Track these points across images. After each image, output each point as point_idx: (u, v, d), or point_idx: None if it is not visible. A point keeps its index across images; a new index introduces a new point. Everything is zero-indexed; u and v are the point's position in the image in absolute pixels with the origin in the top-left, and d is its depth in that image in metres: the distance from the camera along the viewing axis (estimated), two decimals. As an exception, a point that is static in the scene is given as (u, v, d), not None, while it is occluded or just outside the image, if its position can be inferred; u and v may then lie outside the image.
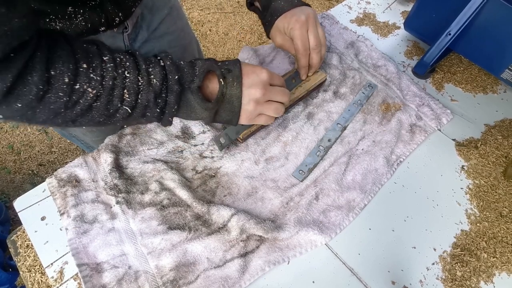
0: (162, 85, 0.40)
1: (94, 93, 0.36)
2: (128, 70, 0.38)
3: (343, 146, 0.55)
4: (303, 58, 0.55)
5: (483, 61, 0.61)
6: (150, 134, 0.54)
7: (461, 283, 0.45)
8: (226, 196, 0.50)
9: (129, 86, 0.38)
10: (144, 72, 0.39)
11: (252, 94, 0.45)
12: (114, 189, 0.49)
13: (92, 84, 0.36)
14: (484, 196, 0.52)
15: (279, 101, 0.49)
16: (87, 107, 0.37)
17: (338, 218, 0.48)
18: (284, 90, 0.50)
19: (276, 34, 0.56)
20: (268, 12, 0.56)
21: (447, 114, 0.60)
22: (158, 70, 0.40)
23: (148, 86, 0.39)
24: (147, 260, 0.44)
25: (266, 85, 0.46)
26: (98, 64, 0.37)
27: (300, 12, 0.53)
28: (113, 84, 0.37)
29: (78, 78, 0.35)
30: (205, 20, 2.04)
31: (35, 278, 0.45)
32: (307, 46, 0.54)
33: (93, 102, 0.37)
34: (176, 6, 0.69)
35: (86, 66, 0.36)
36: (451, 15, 0.59)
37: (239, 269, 0.44)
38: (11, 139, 1.57)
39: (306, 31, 0.53)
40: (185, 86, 0.42)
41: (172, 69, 0.41)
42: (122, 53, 0.39)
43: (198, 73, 0.42)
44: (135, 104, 0.39)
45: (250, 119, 0.48)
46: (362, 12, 0.78)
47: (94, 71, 0.36)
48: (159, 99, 0.41)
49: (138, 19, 0.59)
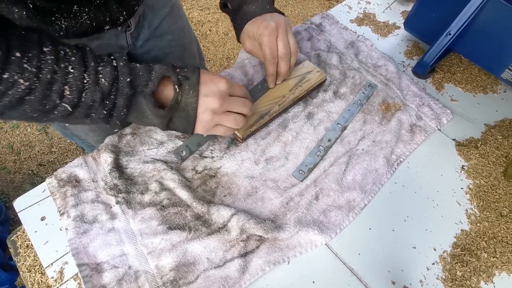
0: (112, 86, 0.38)
1: (26, 85, 0.34)
2: (72, 65, 0.36)
3: (343, 146, 0.55)
4: (271, 66, 0.53)
5: (483, 61, 0.61)
6: (150, 134, 0.54)
7: (461, 283, 0.45)
8: (226, 196, 0.50)
9: (71, 82, 0.36)
10: (92, 70, 0.37)
11: (209, 104, 0.43)
12: (114, 189, 0.49)
13: (25, 76, 0.33)
14: (484, 196, 0.52)
15: (239, 112, 0.47)
16: (17, 99, 0.34)
17: (338, 218, 0.48)
18: (245, 101, 0.47)
19: (245, 38, 0.54)
20: (239, 16, 0.54)
21: (447, 114, 0.60)
22: (109, 70, 0.38)
23: (94, 85, 0.37)
24: (147, 260, 0.44)
25: (225, 95, 0.44)
26: (36, 55, 0.34)
27: (270, 18, 0.52)
28: (52, 78, 0.35)
29: (7, 67, 0.33)
30: (205, 20, 2.04)
31: (35, 278, 0.45)
32: (275, 54, 0.52)
33: (25, 95, 0.34)
34: (177, 5, 0.69)
35: (19, 55, 0.33)
36: (451, 15, 0.59)
37: (239, 269, 0.44)
38: (11, 139, 1.57)
39: (276, 39, 0.51)
40: (137, 89, 0.40)
41: (124, 70, 0.39)
42: (69, 47, 0.37)
43: (153, 78, 0.41)
44: (77, 102, 0.37)
45: (206, 129, 0.46)
46: (362, 12, 0.78)
47: (29, 61, 0.34)
48: (107, 100, 0.39)
49: (140, 18, 0.59)
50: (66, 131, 0.69)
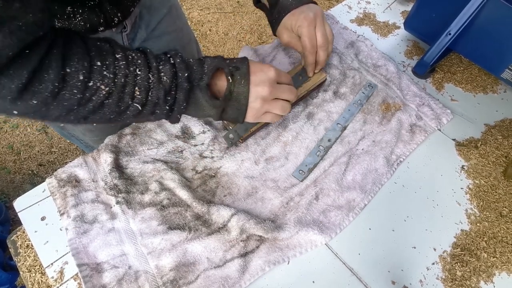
0: (172, 83, 0.40)
1: (106, 90, 0.37)
2: (139, 67, 0.39)
3: (343, 146, 0.55)
4: (311, 56, 0.55)
5: (483, 61, 0.61)
6: (150, 134, 0.54)
7: (461, 283, 0.45)
8: (226, 196, 0.50)
9: (140, 83, 0.39)
10: (155, 70, 0.39)
11: (259, 92, 0.45)
12: (114, 189, 0.49)
13: (105, 82, 0.36)
14: (484, 196, 0.52)
15: (285, 99, 0.49)
16: (99, 104, 0.37)
17: (338, 218, 0.48)
18: (291, 88, 0.50)
19: (283, 31, 0.56)
20: (276, 9, 0.56)
21: (447, 114, 0.60)
22: (168, 67, 0.40)
23: (158, 83, 0.39)
24: (147, 260, 0.44)
25: (273, 83, 0.46)
26: (111, 62, 0.37)
27: (308, 9, 0.53)
28: (125, 82, 0.38)
29: (92, 76, 0.36)
30: (205, 20, 2.04)
31: (35, 278, 0.45)
32: (315, 43, 0.54)
33: (105, 99, 0.37)
34: (175, 5, 0.69)
35: (100, 63, 0.36)
36: (451, 15, 0.59)
37: (239, 269, 0.44)
38: (11, 139, 1.57)
39: (314, 29, 0.53)
40: (194, 83, 0.42)
41: (182, 66, 0.41)
42: (134, 51, 0.40)
43: (207, 71, 0.43)
44: (145, 101, 0.40)
45: (256, 117, 0.48)
46: (362, 12, 0.78)
47: (107, 68, 0.37)
48: (169, 96, 0.41)
49: (136, 19, 0.59)
50: (64, 131, 0.68)
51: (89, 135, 0.68)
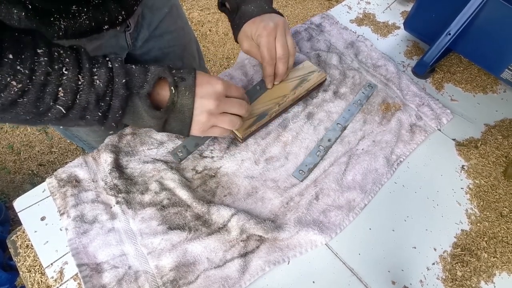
0: (107, 88, 0.38)
1: (19, 87, 0.33)
2: (66, 67, 0.36)
3: (343, 146, 0.55)
4: (269, 67, 0.53)
5: (483, 61, 0.61)
6: (150, 134, 0.54)
7: (461, 283, 0.45)
8: (226, 196, 0.50)
9: (65, 84, 0.36)
10: (87, 72, 0.37)
11: (204, 105, 0.43)
12: (114, 189, 0.49)
13: (18, 78, 0.33)
14: (484, 196, 0.52)
15: (235, 113, 0.47)
16: (10, 102, 0.34)
17: (338, 218, 0.48)
18: (241, 102, 0.47)
19: (243, 38, 0.54)
20: (237, 15, 0.54)
21: (447, 114, 0.60)
22: (104, 71, 0.38)
23: (89, 87, 0.37)
24: (147, 260, 0.44)
25: (221, 97, 0.44)
26: (29, 57, 0.34)
27: (269, 19, 0.51)
28: (46, 80, 0.34)
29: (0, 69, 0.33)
30: (205, 20, 2.04)
31: (35, 278, 0.45)
32: (274, 55, 0.52)
33: (18, 97, 0.34)
34: (176, 5, 0.69)
35: (12, 57, 0.33)
36: (451, 15, 0.59)
37: (239, 269, 0.44)
38: (11, 139, 1.57)
39: (274, 39, 0.51)
40: (133, 91, 0.40)
41: (120, 72, 0.39)
42: (64, 48, 0.37)
43: (149, 79, 0.41)
44: (71, 104, 0.37)
45: (202, 130, 0.46)
46: (362, 12, 0.78)
47: (22, 63, 0.33)
48: (102, 102, 0.38)
49: (139, 18, 0.59)
50: (67, 132, 0.69)
51: (92, 135, 0.68)
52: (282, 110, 0.56)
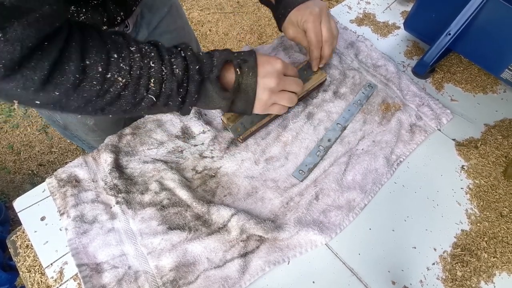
0: (184, 75, 0.41)
1: (123, 82, 0.38)
2: (152, 60, 0.39)
3: (343, 146, 0.55)
4: (316, 50, 0.55)
5: (483, 61, 0.61)
6: (150, 134, 0.54)
7: (461, 283, 0.45)
8: (226, 196, 0.50)
9: (154, 75, 0.39)
10: (167, 62, 0.40)
11: (266, 84, 0.46)
12: (114, 189, 0.49)
13: (122, 74, 0.37)
14: (484, 196, 0.52)
15: (292, 91, 0.50)
16: (116, 95, 0.38)
17: (338, 218, 0.48)
18: (298, 80, 0.51)
19: (288, 26, 0.57)
20: (282, 5, 0.57)
21: (447, 114, 0.60)
22: (180, 60, 0.41)
23: (171, 75, 0.40)
24: (147, 260, 0.44)
25: (280, 75, 0.47)
26: (127, 54, 0.38)
27: (313, 5, 0.54)
28: (140, 74, 0.38)
29: (109, 68, 0.36)
30: (205, 20, 2.04)
31: (35, 278, 0.45)
32: (320, 38, 0.55)
33: (122, 90, 0.38)
34: (176, 5, 0.69)
35: (116, 56, 0.37)
36: (451, 15, 0.59)
37: (239, 269, 0.44)
38: (11, 139, 1.57)
39: (320, 24, 0.54)
40: (204, 76, 0.43)
41: (192, 59, 0.42)
42: (146, 44, 0.40)
43: (217, 63, 0.43)
44: (159, 93, 0.40)
45: (264, 108, 0.48)
46: (362, 12, 0.78)
47: (123, 60, 0.37)
48: (181, 88, 0.42)
49: (138, 18, 0.60)
50: (66, 132, 0.69)
51: (92, 135, 0.68)
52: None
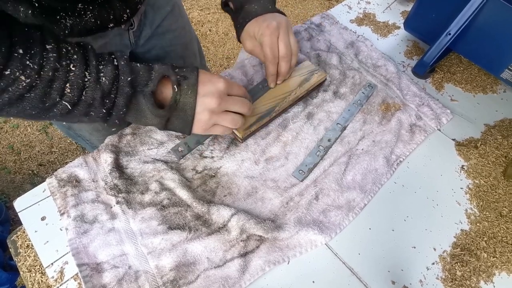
0: (112, 85, 0.38)
1: (28, 82, 0.34)
2: (74, 63, 0.36)
3: (343, 146, 0.55)
4: (272, 66, 0.53)
5: (483, 61, 0.62)
6: (150, 134, 0.54)
7: (461, 282, 0.45)
8: (226, 196, 0.50)
9: (72, 80, 0.36)
10: (93, 69, 0.37)
11: (206, 104, 0.43)
12: (114, 189, 0.49)
13: (27, 72, 0.33)
14: (484, 196, 0.52)
15: (237, 112, 0.47)
16: (17, 96, 0.34)
17: (338, 218, 0.48)
18: (243, 101, 0.47)
19: (246, 38, 0.54)
20: (241, 15, 0.54)
21: (447, 114, 0.60)
22: (110, 68, 0.38)
23: (95, 84, 0.37)
24: (147, 260, 0.44)
25: (223, 95, 0.44)
26: (38, 52, 0.34)
27: (272, 18, 0.51)
28: (53, 76, 0.35)
29: (9, 63, 0.32)
30: (205, 20, 2.04)
31: (35, 278, 0.45)
32: (276, 54, 0.52)
33: (26, 92, 0.34)
34: (178, 4, 0.70)
35: (21, 51, 0.33)
36: (451, 15, 0.59)
37: (239, 269, 0.44)
38: (11, 139, 1.57)
39: (277, 39, 0.51)
40: (137, 89, 0.40)
41: (125, 70, 0.39)
42: (72, 45, 0.37)
43: (154, 78, 0.41)
44: (77, 100, 0.37)
45: (204, 129, 0.45)
46: (362, 12, 0.78)
47: (31, 58, 0.33)
48: (107, 99, 0.38)
49: (142, 16, 0.60)
50: (70, 131, 0.69)
51: (96, 135, 0.68)
52: (282, 110, 0.56)
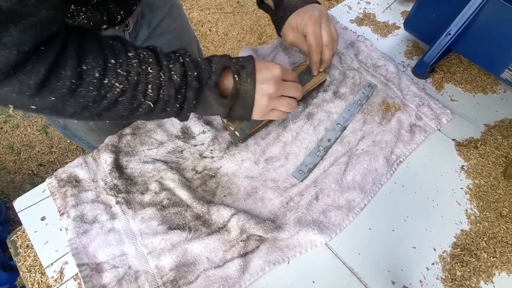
0: (182, 81, 0.41)
1: (120, 87, 0.37)
2: (150, 66, 0.39)
3: (343, 146, 0.55)
4: (316, 54, 0.55)
5: (483, 61, 0.61)
6: (150, 134, 0.54)
7: (461, 283, 0.45)
8: (226, 196, 0.50)
9: (152, 81, 0.39)
10: (165, 68, 0.40)
11: (265, 90, 0.46)
12: (114, 189, 0.49)
13: (119, 79, 0.37)
14: (484, 196, 0.52)
15: (291, 96, 0.50)
16: (113, 101, 0.38)
17: (338, 218, 0.48)
18: (297, 85, 0.50)
19: (288, 30, 0.56)
20: (281, 9, 0.56)
21: (447, 114, 0.60)
22: (178, 66, 0.41)
23: (169, 82, 0.40)
24: (147, 260, 0.44)
25: (279, 81, 0.47)
26: (124, 60, 0.38)
27: (313, 9, 0.54)
28: (138, 80, 0.38)
29: (106, 73, 0.36)
30: (205, 20, 2.04)
31: (35, 278, 0.45)
32: (320, 42, 0.54)
33: (119, 96, 0.38)
34: (176, 4, 0.69)
35: (113, 61, 0.37)
36: (451, 15, 0.59)
37: (239, 269, 0.44)
38: (11, 139, 1.57)
39: (319, 28, 0.53)
40: (203, 82, 0.43)
41: (191, 65, 0.42)
42: (144, 49, 0.40)
43: (215, 70, 0.43)
44: (157, 99, 0.40)
45: (263, 114, 0.48)
46: (362, 12, 0.78)
47: (121, 66, 0.37)
48: (179, 94, 0.41)
49: (138, 17, 0.60)
50: (66, 131, 0.69)
51: (92, 135, 0.68)
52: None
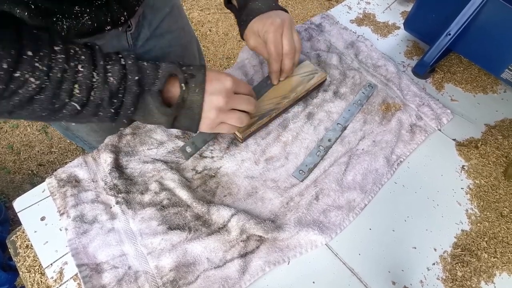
0: (120, 85, 0.38)
1: (37, 84, 0.34)
2: (82, 64, 0.36)
3: (343, 146, 0.55)
4: (275, 63, 0.53)
5: (483, 61, 0.61)
6: (150, 134, 0.54)
7: (461, 283, 0.45)
8: (226, 196, 0.50)
9: (81, 81, 0.36)
10: (101, 69, 0.37)
11: (214, 102, 0.43)
12: (114, 189, 0.49)
13: (36, 74, 0.33)
14: (484, 196, 0.52)
15: (243, 110, 0.47)
16: (27, 98, 0.34)
17: (338, 218, 0.48)
18: (249, 99, 0.47)
19: (250, 35, 0.54)
20: (244, 12, 0.54)
21: (447, 114, 0.60)
22: (117, 68, 0.38)
23: (103, 83, 0.37)
24: (147, 261, 0.44)
25: (230, 93, 0.44)
26: (47, 54, 0.34)
27: (276, 15, 0.51)
28: (62, 77, 0.35)
29: (19, 66, 0.32)
30: (205, 20, 2.04)
31: (35, 279, 0.45)
32: (280, 51, 0.52)
33: (36, 94, 0.34)
34: (177, 5, 0.69)
35: (31, 53, 0.33)
36: (451, 15, 0.59)
37: (239, 270, 0.44)
38: (11, 139, 1.57)
39: (281, 36, 0.51)
40: (145, 88, 0.40)
41: (133, 69, 0.39)
42: (79, 45, 0.37)
43: (161, 76, 0.41)
44: (86, 101, 0.37)
45: (211, 127, 0.45)
46: (362, 12, 0.78)
47: (40, 60, 0.33)
48: (115, 99, 0.38)
49: (140, 18, 0.60)
50: (68, 132, 0.68)
51: (93, 135, 0.68)
52: (282, 110, 0.56)
